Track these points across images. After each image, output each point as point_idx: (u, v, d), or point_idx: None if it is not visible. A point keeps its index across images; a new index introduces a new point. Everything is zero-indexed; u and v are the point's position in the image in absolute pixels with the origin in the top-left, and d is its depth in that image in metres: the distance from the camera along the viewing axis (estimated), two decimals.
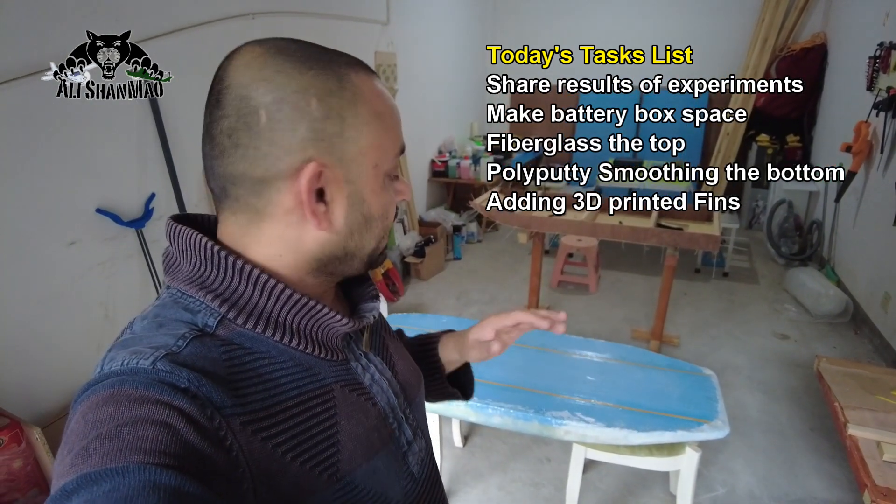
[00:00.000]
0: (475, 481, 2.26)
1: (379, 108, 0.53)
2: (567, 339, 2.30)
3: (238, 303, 0.51)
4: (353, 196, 0.53)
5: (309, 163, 0.49)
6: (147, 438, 0.38)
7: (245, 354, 0.49)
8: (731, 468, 2.31)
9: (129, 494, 0.35)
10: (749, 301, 3.93)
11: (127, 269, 2.26)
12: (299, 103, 0.49)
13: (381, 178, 0.55)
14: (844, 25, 4.53)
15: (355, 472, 0.53)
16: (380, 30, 4.04)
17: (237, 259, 0.51)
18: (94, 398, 0.42)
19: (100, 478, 0.36)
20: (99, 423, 0.39)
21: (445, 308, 3.79)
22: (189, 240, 0.52)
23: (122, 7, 2.10)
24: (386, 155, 0.54)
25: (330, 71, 0.51)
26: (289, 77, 0.49)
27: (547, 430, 1.80)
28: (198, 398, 0.43)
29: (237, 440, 0.44)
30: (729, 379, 2.92)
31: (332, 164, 0.51)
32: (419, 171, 5.04)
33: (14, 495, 1.70)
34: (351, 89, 0.51)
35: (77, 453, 0.38)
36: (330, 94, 0.50)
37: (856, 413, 2.01)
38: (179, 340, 0.47)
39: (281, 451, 0.47)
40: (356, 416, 0.55)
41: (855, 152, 3.62)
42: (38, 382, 1.94)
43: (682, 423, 1.75)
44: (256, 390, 0.48)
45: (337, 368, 0.56)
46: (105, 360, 0.46)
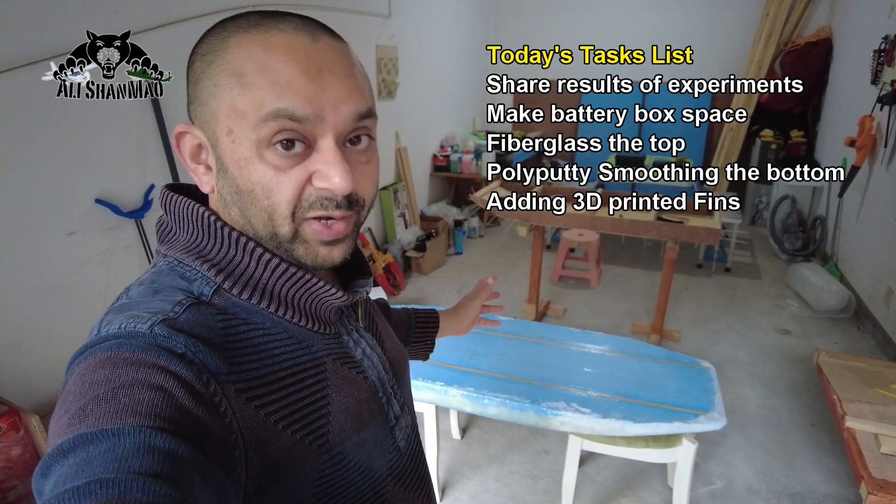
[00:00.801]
0: (473, 473, 2.26)
1: (242, 67, 0.47)
2: (565, 331, 2.30)
3: (234, 273, 0.52)
4: (219, 163, 0.50)
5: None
6: (143, 401, 0.39)
7: (240, 324, 0.50)
8: (729, 462, 2.30)
9: (123, 455, 0.35)
10: (751, 296, 3.91)
11: (126, 259, 2.27)
12: (187, 68, 0.52)
13: (247, 146, 0.48)
14: (850, 19, 4.49)
15: (345, 443, 0.53)
16: (381, 23, 4.04)
17: (232, 230, 0.51)
18: (92, 360, 0.42)
19: (96, 438, 0.36)
20: (96, 385, 0.40)
21: (446, 302, 3.79)
22: (186, 209, 0.52)
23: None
24: (242, 119, 0.47)
25: (220, 31, 0.50)
26: (197, 44, 0.52)
27: (542, 421, 1.80)
28: (194, 364, 0.43)
29: (231, 407, 0.45)
30: (729, 373, 2.91)
31: (196, 126, 0.52)
32: (421, 165, 5.03)
33: (12, 482, 1.71)
34: (220, 50, 0.49)
35: (74, 413, 0.38)
36: (201, 57, 0.50)
37: (854, 405, 2.00)
38: (176, 307, 0.47)
39: (273, 420, 0.48)
40: (347, 389, 0.56)
41: (859, 147, 3.59)
42: (37, 371, 1.96)
43: (678, 415, 1.75)
44: (251, 359, 0.49)
45: (329, 342, 0.57)
46: (102, 323, 0.47)
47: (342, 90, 0.49)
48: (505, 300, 3.82)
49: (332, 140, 0.49)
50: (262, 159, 0.48)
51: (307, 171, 0.49)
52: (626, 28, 5.75)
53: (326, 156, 0.49)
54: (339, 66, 0.50)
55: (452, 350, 2.11)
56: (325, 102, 0.48)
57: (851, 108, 3.98)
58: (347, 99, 0.49)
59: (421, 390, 1.90)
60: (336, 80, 0.49)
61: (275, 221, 0.50)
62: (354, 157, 0.52)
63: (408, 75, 4.45)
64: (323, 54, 0.49)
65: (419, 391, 1.90)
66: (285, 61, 0.47)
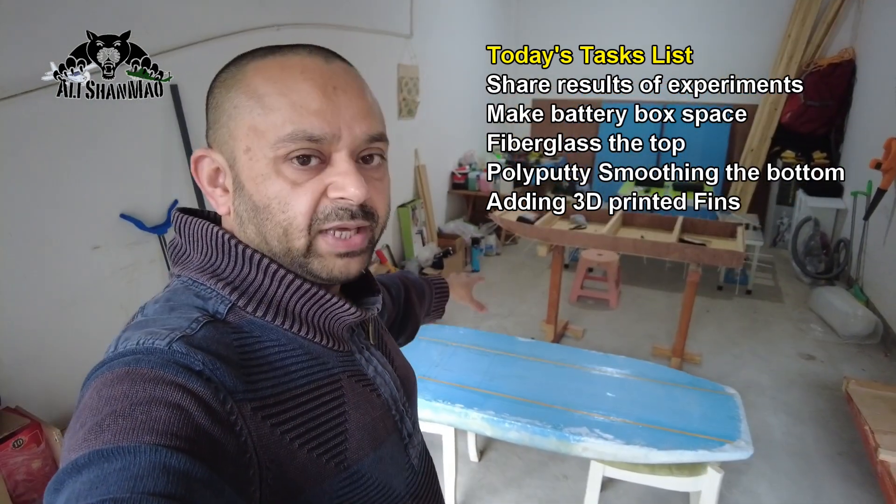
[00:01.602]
0: (490, 496, 2.22)
1: (261, 88, 0.49)
2: (586, 354, 2.27)
3: (248, 291, 0.52)
4: (236, 182, 0.52)
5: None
6: (160, 419, 0.39)
7: (255, 342, 0.50)
8: (754, 491, 2.24)
9: (139, 474, 0.35)
10: (773, 320, 3.84)
11: (149, 273, 2.29)
12: (207, 97, 0.54)
13: (264, 163, 0.49)
14: (874, 40, 4.45)
15: (362, 461, 0.53)
16: (403, 43, 4.08)
17: (246, 248, 0.52)
18: (109, 374, 0.42)
19: (111, 455, 0.36)
20: (113, 400, 0.40)
21: (463, 320, 3.76)
22: (199, 230, 0.53)
23: (154, 19, 2.16)
24: (261, 139, 0.49)
25: (237, 62, 0.53)
26: (217, 75, 0.54)
27: (564, 447, 1.76)
28: (211, 382, 0.43)
29: (247, 425, 0.44)
30: (752, 399, 2.84)
31: (214, 150, 0.53)
32: (439, 183, 5.05)
33: (32, 495, 1.72)
34: (238, 75, 0.51)
35: (90, 428, 0.38)
36: (221, 83, 0.52)
37: (888, 438, 1.94)
38: (193, 323, 0.47)
39: (289, 438, 0.47)
40: (363, 407, 0.56)
41: (885, 170, 3.53)
42: (59, 384, 1.97)
43: (703, 443, 1.70)
44: (267, 377, 0.48)
45: (343, 359, 0.57)
46: (119, 339, 0.47)
47: (355, 110, 0.51)
48: (523, 320, 3.80)
49: (346, 154, 0.51)
50: (279, 174, 0.49)
51: (322, 184, 0.50)
52: (653, 36, 5.68)
53: (341, 167, 0.50)
54: (351, 86, 0.52)
55: (472, 372, 2.09)
56: (340, 122, 0.50)
57: (877, 130, 3.93)
58: (362, 119, 0.51)
59: (440, 412, 1.88)
60: (349, 99, 0.51)
61: (290, 235, 0.51)
62: (367, 173, 0.53)
63: (428, 94, 4.49)
64: (337, 75, 0.51)
65: (438, 413, 1.88)
66: (302, 80, 0.49)
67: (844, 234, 4.42)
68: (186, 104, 2.31)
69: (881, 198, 3.64)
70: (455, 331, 2.43)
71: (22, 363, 1.86)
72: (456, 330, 2.45)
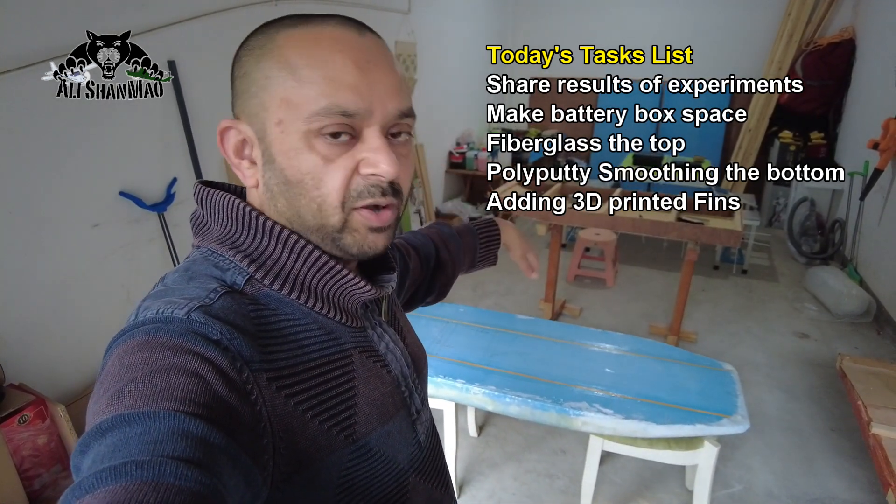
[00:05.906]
0: (490, 471, 2.26)
1: (295, 60, 0.48)
2: (585, 331, 2.29)
3: (266, 263, 0.52)
4: (266, 154, 0.51)
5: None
6: (179, 386, 0.40)
7: (271, 314, 0.51)
8: (748, 465, 2.28)
9: (159, 438, 0.36)
10: (768, 299, 3.88)
11: (149, 252, 2.28)
12: (233, 65, 0.53)
13: (296, 137, 0.48)
14: (874, 20, 4.42)
15: (370, 434, 0.54)
16: (401, 19, 4.03)
17: (267, 219, 0.52)
18: (130, 343, 0.43)
19: (133, 419, 0.37)
20: (133, 367, 0.41)
21: (461, 299, 3.78)
22: (220, 201, 0.53)
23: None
24: (294, 111, 0.48)
25: (266, 30, 0.51)
26: (244, 42, 0.53)
27: (564, 421, 1.79)
28: (229, 351, 0.44)
29: (262, 395, 0.45)
30: (747, 376, 2.88)
31: (242, 121, 0.52)
32: (437, 162, 5.03)
33: (38, 470, 1.74)
34: (269, 44, 0.50)
35: (112, 394, 0.39)
36: (250, 51, 0.51)
37: (880, 412, 1.98)
38: (211, 293, 0.48)
39: (302, 409, 0.48)
40: (373, 382, 0.57)
41: (882, 149, 3.54)
42: (62, 361, 1.98)
43: (701, 417, 1.73)
44: (282, 349, 0.49)
45: (355, 334, 0.57)
46: (140, 308, 0.47)
47: (388, 85, 0.50)
48: (521, 298, 3.82)
49: (378, 129, 0.50)
50: (312, 149, 0.49)
51: (354, 160, 0.50)
52: (659, 27, 5.69)
53: (373, 143, 0.50)
54: (384, 61, 0.51)
55: (473, 349, 2.11)
56: (374, 97, 0.49)
57: (875, 110, 3.92)
58: (394, 95, 0.51)
59: (441, 388, 1.90)
60: (382, 74, 0.50)
61: (324, 212, 0.51)
62: (395, 149, 0.53)
63: (426, 72, 4.45)
64: (370, 49, 0.51)
65: (440, 388, 1.90)
66: (338, 51, 0.48)
67: (840, 214, 4.44)
68: (184, 80, 2.29)
69: (878, 178, 3.65)
70: (455, 308, 2.45)
71: (25, 340, 1.86)
72: (456, 308, 2.46)
